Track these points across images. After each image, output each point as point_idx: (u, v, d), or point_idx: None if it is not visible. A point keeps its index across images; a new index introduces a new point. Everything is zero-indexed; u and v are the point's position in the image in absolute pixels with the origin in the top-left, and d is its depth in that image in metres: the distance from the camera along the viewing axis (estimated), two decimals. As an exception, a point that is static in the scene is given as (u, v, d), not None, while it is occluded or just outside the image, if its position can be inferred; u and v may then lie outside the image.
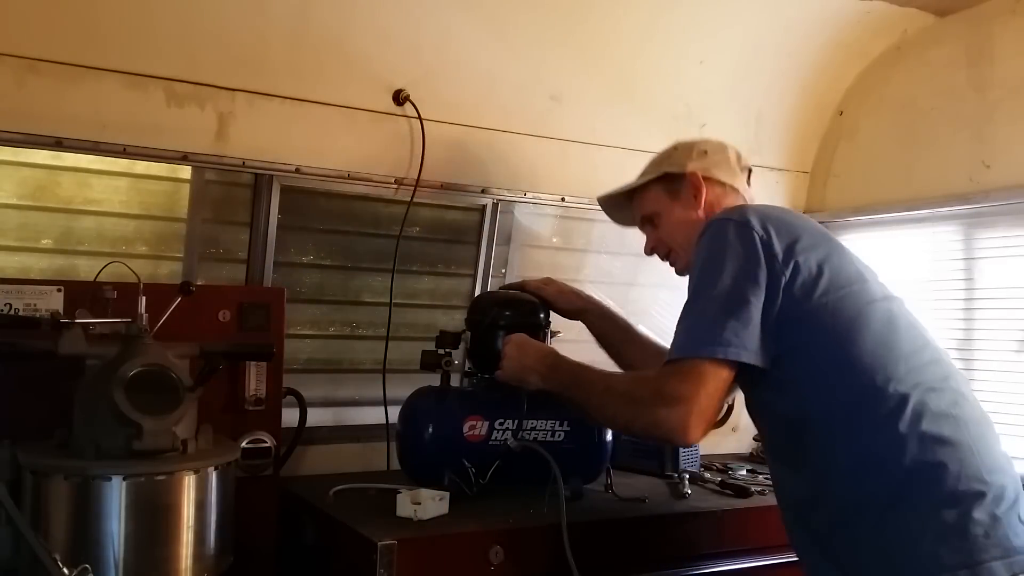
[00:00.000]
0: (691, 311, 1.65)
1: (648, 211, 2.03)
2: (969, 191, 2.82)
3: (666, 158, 2.02)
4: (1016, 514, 1.47)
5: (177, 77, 2.25)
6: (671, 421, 1.57)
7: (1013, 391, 2.71)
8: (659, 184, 2.00)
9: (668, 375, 1.61)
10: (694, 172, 1.94)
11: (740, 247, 1.62)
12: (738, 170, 1.98)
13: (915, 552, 1.44)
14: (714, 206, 1.91)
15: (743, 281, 1.59)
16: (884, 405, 1.52)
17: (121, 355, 1.75)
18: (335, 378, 2.77)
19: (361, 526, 1.85)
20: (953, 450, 1.48)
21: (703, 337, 1.57)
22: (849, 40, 3.04)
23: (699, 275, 1.67)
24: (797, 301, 1.59)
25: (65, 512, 1.69)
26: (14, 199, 2.27)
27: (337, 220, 2.72)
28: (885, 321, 1.63)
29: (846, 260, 1.70)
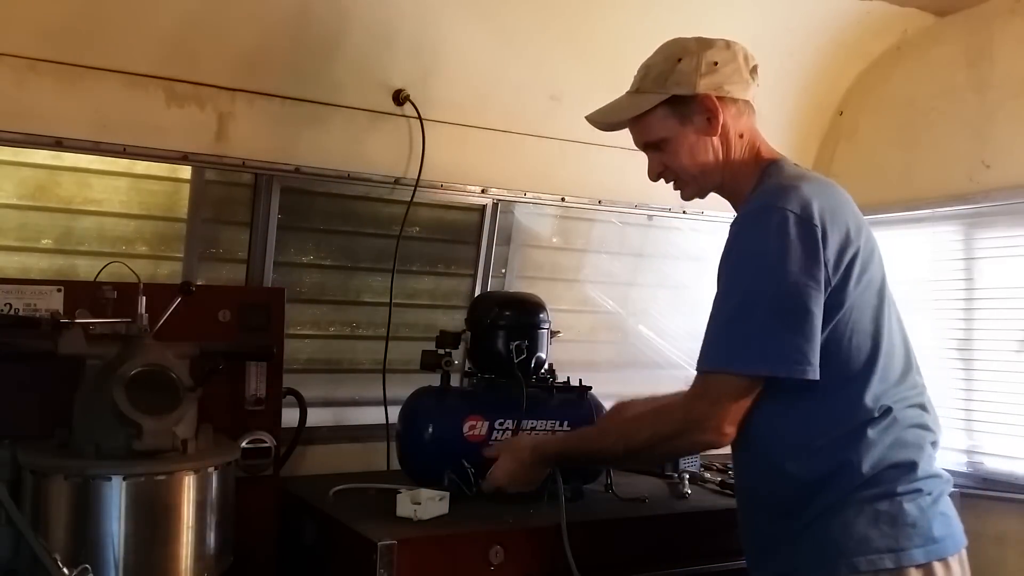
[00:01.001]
0: (745, 316, 1.54)
1: (655, 137, 1.77)
2: (969, 191, 2.82)
3: (670, 72, 1.73)
4: (939, 509, 1.56)
5: (177, 77, 2.25)
6: (707, 438, 1.59)
7: (1013, 391, 2.71)
8: (666, 106, 1.73)
9: (696, 399, 1.60)
10: (707, 95, 1.70)
11: (801, 244, 1.52)
12: (750, 78, 1.75)
13: (849, 533, 1.52)
14: (729, 129, 1.72)
15: (807, 288, 1.51)
16: (864, 415, 1.56)
17: (121, 355, 1.75)
18: (335, 378, 2.77)
19: (361, 526, 1.85)
20: (909, 454, 1.56)
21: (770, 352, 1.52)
22: (849, 40, 3.04)
23: (755, 273, 1.55)
24: (829, 314, 1.55)
25: (65, 512, 1.69)
26: (14, 199, 2.27)
27: (337, 220, 2.72)
28: (888, 345, 1.62)
29: (875, 262, 1.65)
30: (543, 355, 2.25)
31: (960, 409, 2.86)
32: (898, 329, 1.67)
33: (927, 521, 1.53)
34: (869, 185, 3.14)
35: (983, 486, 2.74)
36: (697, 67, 1.71)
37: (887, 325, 1.62)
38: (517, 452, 1.94)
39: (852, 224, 1.60)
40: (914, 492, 1.54)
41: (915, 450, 1.57)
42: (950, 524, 1.58)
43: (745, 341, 1.53)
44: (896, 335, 1.65)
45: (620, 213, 3.05)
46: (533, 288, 2.72)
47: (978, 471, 2.78)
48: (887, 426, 1.55)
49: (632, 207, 2.98)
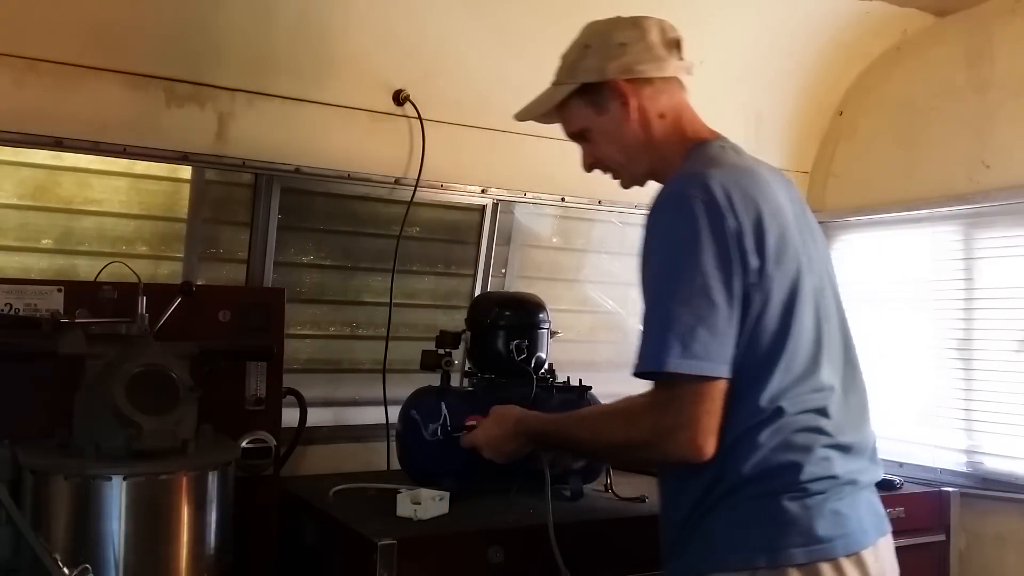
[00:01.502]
0: (664, 313, 1.44)
1: (575, 127, 1.72)
2: (969, 191, 2.82)
3: (580, 60, 1.67)
4: (828, 508, 1.46)
5: (177, 77, 2.25)
6: (681, 451, 1.44)
7: (1013, 391, 2.71)
8: (579, 97, 1.68)
9: (658, 408, 1.46)
10: (614, 80, 1.62)
11: (710, 234, 1.42)
12: (665, 53, 1.64)
13: (727, 532, 1.47)
14: (647, 111, 1.64)
15: (714, 280, 1.42)
16: (756, 416, 1.46)
17: (121, 355, 1.75)
18: (335, 378, 2.77)
19: (361, 526, 1.85)
20: (793, 456, 1.46)
21: (685, 350, 1.40)
22: (849, 40, 3.04)
23: (666, 268, 1.47)
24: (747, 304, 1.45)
25: (65, 512, 1.69)
26: (14, 199, 2.27)
27: (337, 220, 2.72)
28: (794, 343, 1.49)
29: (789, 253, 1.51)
30: (543, 355, 2.25)
31: (960, 409, 2.86)
32: (811, 327, 1.53)
33: (810, 520, 1.43)
34: (869, 185, 3.15)
35: (983, 486, 2.74)
36: (605, 51, 1.64)
37: (798, 321, 1.49)
38: (503, 419, 1.84)
39: (767, 210, 1.48)
40: (797, 491, 1.44)
41: (801, 452, 1.46)
42: (844, 524, 1.46)
43: (661, 339, 1.42)
44: (805, 333, 1.51)
45: (620, 213, 3.05)
46: (533, 288, 2.72)
47: (978, 471, 2.78)
48: (776, 429, 1.45)
49: (632, 207, 2.98)
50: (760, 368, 1.46)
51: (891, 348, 3.03)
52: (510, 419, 1.82)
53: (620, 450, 1.67)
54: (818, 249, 1.62)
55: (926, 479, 2.79)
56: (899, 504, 2.52)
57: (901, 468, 2.85)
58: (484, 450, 1.86)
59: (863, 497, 1.54)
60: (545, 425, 1.77)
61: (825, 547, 1.44)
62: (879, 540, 1.54)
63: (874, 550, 1.51)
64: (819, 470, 1.47)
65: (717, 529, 1.48)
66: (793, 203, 1.61)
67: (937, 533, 2.61)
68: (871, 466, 1.59)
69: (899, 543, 2.45)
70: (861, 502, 1.52)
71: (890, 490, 2.56)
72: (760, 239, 1.46)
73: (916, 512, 2.56)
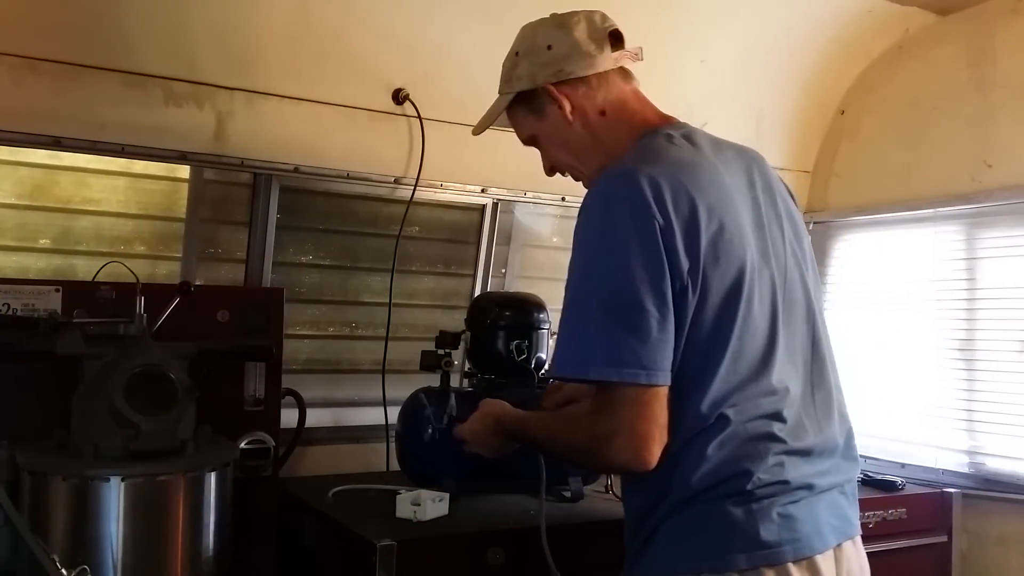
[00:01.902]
0: (586, 320, 1.38)
1: (524, 135, 1.72)
2: (971, 191, 2.81)
3: (512, 68, 1.65)
4: (775, 512, 1.40)
5: (176, 76, 2.24)
6: (620, 458, 1.38)
7: (1015, 391, 2.70)
8: (519, 105, 1.66)
9: (594, 414, 1.40)
10: (544, 86, 1.59)
11: (636, 235, 1.35)
12: (595, 48, 1.58)
13: (675, 541, 1.43)
14: (585, 110, 1.59)
15: (640, 283, 1.34)
16: (699, 424, 1.40)
17: (119, 355, 1.75)
18: (334, 378, 2.76)
19: (360, 527, 1.84)
20: (744, 464, 1.41)
21: (608, 357, 1.34)
22: (851, 39, 3.04)
23: (588, 272, 1.40)
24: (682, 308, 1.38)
25: (64, 513, 1.68)
26: (12, 199, 2.27)
27: (336, 220, 2.71)
28: (737, 345, 1.42)
29: (733, 250, 1.43)
30: (543, 355, 2.24)
31: (962, 410, 2.85)
32: (763, 326, 1.45)
33: (755, 525, 1.38)
34: (871, 184, 3.14)
35: (985, 487, 2.73)
36: (534, 56, 1.61)
37: (743, 321, 1.41)
38: (486, 415, 1.82)
39: (704, 205, 1.40)
40: (743, 496, 1.39)
41: (751, 461, 1.40)
42: (795, 528, 1.40)
43: (583, 345, 1.37)
44: (753, 333, 1.43)
45: (620, 213, 3.04)
46: (533, 288, 2.71)
47: (980, 472, 2.77)
48: (724, 439, 1.39)
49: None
50: (700, 373, 1.39)
51: (893, 348, 3.03)
52: (491, 416, 1.81)
53: (569, 454, 1.60)
54: (784, 238, 1.55)
55: (928, 480, 2.78)
56: (901, 505, 2.52)
57: (903, 469, 2.84)
58: (470, 445, 1.86)
59: (824, 500, 1.47)
60: (515, 423, 1.74)
61: (771, 552, 1.38)
62: (843, 543, 1.48)
63: (833, 554, 1.45)
64: (769, 476, 1.40)
65: (665, 539, 1.44)
66: (758, 190, 1.55)
67: (939, 534, 2.60)
68: (843, 464, 1.53)
69: (901, 544, 2.48)
70: (820, 505, 1.46)
71: (892, 491, 2.56)
72: (693, 237, 1.38)
73: (918, 513, 2.55)
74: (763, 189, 1.57)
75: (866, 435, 2.91)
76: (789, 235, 1.57)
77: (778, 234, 1.54)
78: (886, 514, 2.46)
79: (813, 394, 1.52)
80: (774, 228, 1.54)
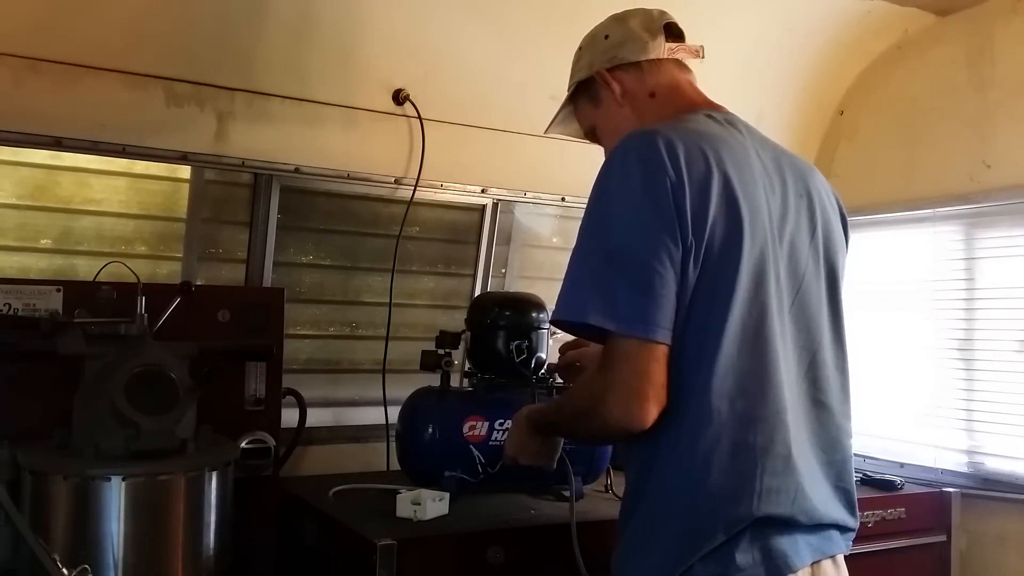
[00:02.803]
0: (592, 268, 1.36)
1: (585, 128, 1.76)
2: (970, 191, 2.81)
3: (576, 63, 1.73)
4: (744, 538, 1.37)
5: (177, 77, 2.25)
6: (615, 415, 1.35)
7: (1014, 391, 2.70)
8: (581, 96, 1.71)
9: (596, 372, 1.38)
10: (599, 71, 1.64)
11: (647, 190, 1.34)
12: (649, 38, 1.63)
13: (656, 542, 1.41)
14: (635, 93, 1.62)
15: (648, 240, 1.32)
16: (700, 419, 1.36)
17: (120, 355, 1.75)
18: (335, 378, 2.77)
19: (361, 526, 1.85)
20: (734, 481, 1.37)
21: (608, 306, 1.32)
22: (850, 39, 3.04)
23: (597, 223, 1.39)
24: (687, 257, 1.35)
25: (64, 512, 1.69)
26: (13, 199, 2.27)
27: (337, 220, 2.71)
28: (737, 345, 1.38)
29: (747, 215, 1.40)
30: (543, 355, 2.24)
31: (961, 409, 2.85)
32: (763, 321, 1.40)
33: (731, 550, 1.36)
34: (870, 185, 3.14)
35: (984, 486, 2.73)
36: (593, 47, 1.69)
37: (742, 301, 1.37)
38: (517, 421, 1.79)
39: (719, 173, 1.38)
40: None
41: (743, 480, 1.36)
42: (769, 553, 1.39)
43: (583, 292, 1.36)
44: (754, 321, 1.39)
45: (620, 213, 3.04)
46: (533, 288, 2.71)
47: (979, 471, 2.78)
48: (717, 435, 1.36)
49: (632, 207, 2.98)
50: (698, 349, 1.35)
51: (892, 348, 3.03)
52: (521, 417, 1.78)
53: (577, 422, 1.55)
54: (812, 245, 1.53)
55: (927, 479, 2.78)
56: (900, 505, 2.52)
57: (902, 468, 2.85)
58: (520, 457, 1.78)
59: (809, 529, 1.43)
60: (537, 412, 1.74)
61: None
62: (822, 562, 1.44)
63: (811, 571, 1.42)
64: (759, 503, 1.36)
65: (643, 532, 1.44)
66: (790, 191, 1.51)
67: (938, 534, 2.61)
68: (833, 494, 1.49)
69: (900, 544, 2.48)
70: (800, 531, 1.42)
71: (891, 490, 2.56)
72: (703, 197, 1.35)
73: (917, 513, 2.56)
74: (799, 194, 1.54)
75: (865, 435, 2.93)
76: (821, 247, 1.56)
77: (804, 242, 1.52)
78: (885, 514, 2.46)
79: (807, 414, 1.48)
80: (801, 235, 1.51)
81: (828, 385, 1.54)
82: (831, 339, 1.57)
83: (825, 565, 1.45)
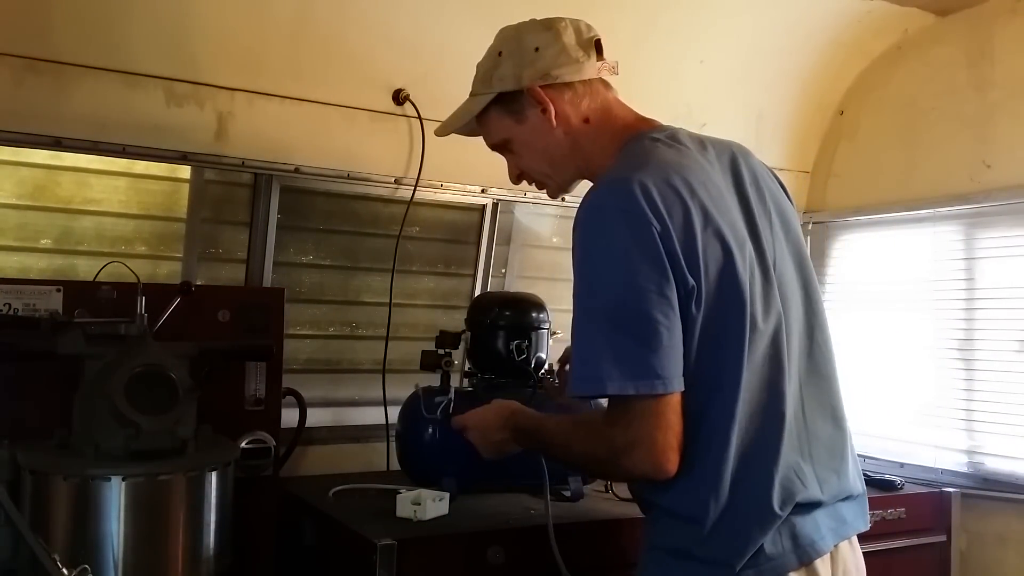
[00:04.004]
0: (595, 336, 1.36)
1: (495, 139, 1.66)
2: (970, 191, 2.81)
3: (494, 69, 1.61)
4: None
5: (177, 77, 2.24)
6: (640, 468, 1.38)
7: (1014, 391, 2.70)
8: (497, 106, 1.61)
9: (612, 426, 1.38)
10: (531, 87, 1.55)
11: (635, 244, 1.33)
12: (583, 55, 1.56)
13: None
14: (569, 116, 1.56)
15: (645, 293, 1.32)
16: (721, 449, 1.39)
17: (120, 355, 1.75)
18: (335, 378, 2.77)
19: (361, 527, 1.85)
20: (729, 515, 1.40)
21: (623, 372, 1.33)
22: (850, 40, 3.04)
23: (593, 287, 1.37)
24: (688, 301, 1.36)
25: (64, 512, 1.69)
26: (13, 199, 2.27)
27: (337, 220, 2.71)
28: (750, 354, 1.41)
29: (729, 237, 1.41)
30: (543, 355, 2.25)
31: (961, 409, 2.85)
32: (768, 333, 1.43)
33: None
34: (870, 185, 3.14)
35: (984, 486, 2.74)
36: (519, 58, 1.57)
37: (750, 326, 1.40)
38: (501, 407, 1.76)
39: (697, 208, 1.38)
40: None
41: (763, 484, 1.40)
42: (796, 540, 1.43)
43: (596, 364, 1.35)
44: (761, 340, 1.42)
45: (620, 213, 3.04)
46: (533, 288, 2.71)
47: (979, 471, 2.78)
48: (740, 449, 1.40)
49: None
50: (716, 378, 1.39)
51: (892, 348, 3.03)
52: (507, 409, 1.76)
53: (584, 461, 1.60)
54: (773, 231, 1.53)
55: (927, 479, 2.78)
56: (900, 505, 2.52)
57: (902, 468, 2.85)
58: (471, 432, 1.78)
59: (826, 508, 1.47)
60: (530, 422, 1.70)
61: (775, 564, 1.38)
62: (839, 544, 1.48)
63: (830, 555, 1.45)
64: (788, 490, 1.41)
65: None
66: (746, 185, 1.53)
67: (938, 534, 2.61)
68: (843, 471, 1.52)
69: (900, 544, 2.48)
70: (821, 513, 1.46)
71: (891, 490, 2.56)
72: (690, 239, 1.36)
73: (917, 513, 2.56)
74: (751, 183, 1.54)
75: (865, 435, 2.93)
76: (779, 230, 1.55)
77: (766, 229, 1.51)
78: (885, 514, 2.46)
79: (807, 399, 1.50)
80: (764, 224, 1.52)
81: (822, 354, 1.56)
82: (806, 313, 1.56)
83: (843, 547, 1.49)
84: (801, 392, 1.49)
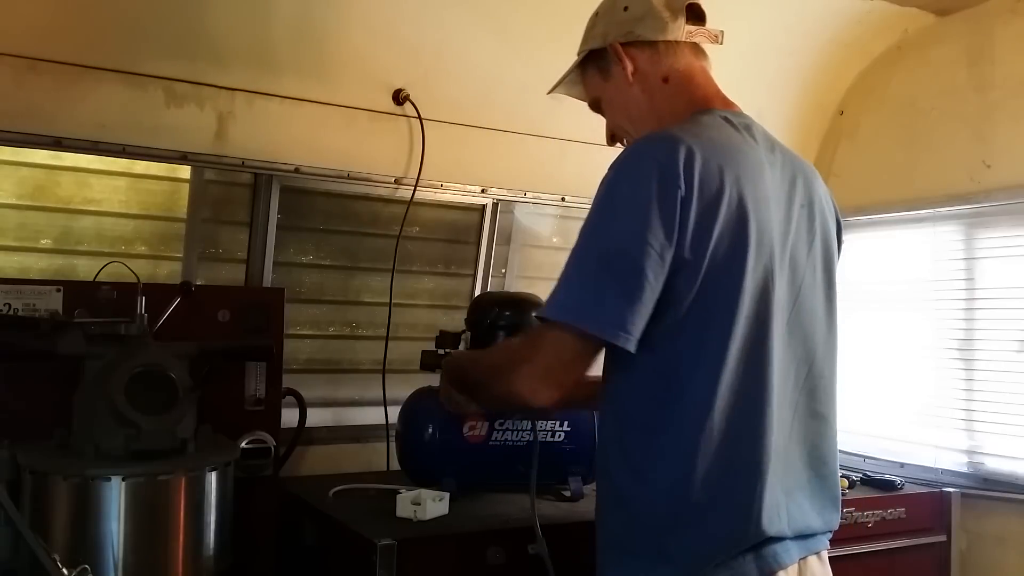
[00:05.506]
0: (585, 269, 1.36)
1: (590, 97, 1.70)
2: (970, 191, 2.81)
3: (590, 28, 1.65)
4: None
5: (177, 77, 2.25)
6: (517, 386, 1.37)
7: (1014, 391, 2.70)
8: (591, 65, 1.65)
9: (529, 337, 1.41)
10: (613, 44, 1.57)
11: (657, 199, 1.32)
12: (670, 17, 1.56)
13: (642, 551, 1.43)
14: (648, 74, 1.57)
15: (646, 247, 1.31)
16: (694, 435, 1.36)
17: (120, 355, 1.75)
18: (335, 378, 2.77)
19: (361, 527, 1.85)
20: (719, 501, 1.38)
21: (582, 308, 1.33)
22: (850, 39, 3.04)
23: (601, 223, 1.37)
24: (678, 273, 1.35)
25: (65, 512, 1.69)
26: (13, 199, 2.27)
27: (337, 220, 2.71)
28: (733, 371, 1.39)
29: (750, 250, 1.39)
30: (543, 355, 2.24)
31: (961, 409, 2.85)
32: (760, 341, 1.40)
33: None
34: (870, 185, 3.14)
35: (984, 486, 2.74)
36: (609, 17, 1.60)
37: (742, 323, 1.38)
38: (443, 367, 1.85)
39: (732, 192, 1.37)
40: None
41: (734, 492, 1.38)
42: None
43: (571, 293, 1.36)
44: (751, 344, 1.39)
45: (620, 213, 3.04)
46: (533, 288, 2.71)
47: (979, 471, 2.78)
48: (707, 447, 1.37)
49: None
50: (693, 359, 1.36)
51: (892, 348, 3.03)
52: (448, 364, 1.80)
53: (483, 376, 1.60)
54: (810, 257, 1.52)
55: (927, 479, 2.79)
56: (900, 505, 2.52)
57: (902, 468, 2.85)
58: (447, 404, 1.87)
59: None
60: (459, 369, 1.73)
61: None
62: (808, 558, 1.45)
63: (798, 567, 1.43)
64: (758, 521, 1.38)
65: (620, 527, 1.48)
66: (796, 203, 1.51)
67: (938, 534, 2.61)
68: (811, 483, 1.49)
69: (900, 544, 2.49)
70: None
71: (891, 490, 2.56)
72: (710, 217, 1.34)
73: (917, 513, 2.56)
74: (803, 204, 1.53)
75: (865, 435, 2.93)
76: (818, 258, 1.54)
77: (803, 252, 1.50)
78: (885, 514, 2.46)
79: (795, 432, 1.48)
80: (802, 248, 1.50)
81: (826, 396, 1.53)
82: (826, 348, 1.55)
83: (811, 561, 1.46)
84: (791, 425, 1.46)
